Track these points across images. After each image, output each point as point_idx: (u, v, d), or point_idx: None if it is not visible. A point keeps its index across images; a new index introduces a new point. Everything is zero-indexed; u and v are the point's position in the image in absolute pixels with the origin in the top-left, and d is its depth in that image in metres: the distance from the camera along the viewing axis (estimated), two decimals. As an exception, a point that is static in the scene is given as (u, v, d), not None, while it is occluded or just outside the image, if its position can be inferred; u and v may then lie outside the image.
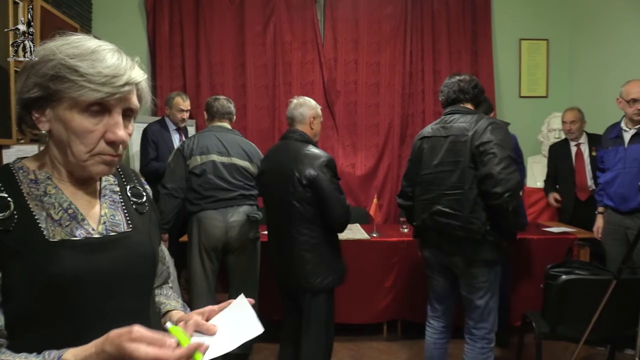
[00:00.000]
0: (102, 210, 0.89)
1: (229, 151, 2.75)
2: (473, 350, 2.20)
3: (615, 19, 3.82)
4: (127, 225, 0.90)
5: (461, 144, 2.09)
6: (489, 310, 2.18)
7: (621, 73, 3.33)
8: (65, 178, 0.86)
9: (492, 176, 1.96)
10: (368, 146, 4.37)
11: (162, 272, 1.09)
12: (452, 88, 2.26)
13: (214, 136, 2.78)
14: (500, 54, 4.49)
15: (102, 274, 0.83)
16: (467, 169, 2.06)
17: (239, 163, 2.76)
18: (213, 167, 2.70)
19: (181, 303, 1.08)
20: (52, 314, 0.78)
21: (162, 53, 4.21)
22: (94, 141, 0.80)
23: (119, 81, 0.79)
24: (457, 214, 2.09)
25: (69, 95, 0.78)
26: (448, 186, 2.13)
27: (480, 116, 2.15)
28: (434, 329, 2.39)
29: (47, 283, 0.77)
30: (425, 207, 2.23)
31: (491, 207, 2.01)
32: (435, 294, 2.38)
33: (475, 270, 2.14)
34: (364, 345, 3.20)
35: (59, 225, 0.81)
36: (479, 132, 2.05)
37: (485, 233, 2.05)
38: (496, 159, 1.97)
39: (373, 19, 4.33)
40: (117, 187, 0.95)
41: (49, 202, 0.82)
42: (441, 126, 2.24)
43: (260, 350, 3.08)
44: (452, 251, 2.18)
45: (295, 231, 2.19)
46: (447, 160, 2.15)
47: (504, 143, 2.01)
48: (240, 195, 2.74)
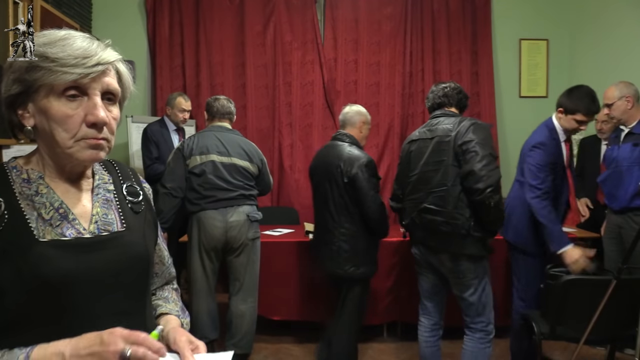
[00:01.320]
0: (94, 209, 0.87)
1: (228, 151, 2.74)
2: (472, 340, 2.27)
3: (616, 18, 3.82)
4: (120, 225, 0.89)
5: (445, 143, 2.19)
6: (483, 305, 2.24)
7: (621, 73, 3.33)
8: (56, 176, 0.86)
9: (474, 173, 2.06)
10: (368, 146, 4.35)
11: (162, 273, 1.07)
12: (437, 94, 2.38)
13: (214, 136, 2.77)
14: (500, 54, 4.49)
15: (93, 275, 0.81)
16: (451, 167, 2.16)
17: (238, 163, 2.75)
18: (213, 167, 2.69)
19: (180, 306, 1.06)
20: (43, 315, 0.77)
21: (162, 53, 4.21)
22: (76, 126, 0.80)
23: (90, 61, 0.79)
24: (441, 210, 2.17)
25: (44, 83, 0.78)
26: (433, 184, 2.22)
27: (463, 118, 2.25)
28: (424, 327, 2.45)
29: (37, 284, 0.76)
30: (414, 205, 2.32)
31: (474, 202, 2.10)
32: (424, 291, 2.45)
33: (461, 267, 2.20)
34: (364, 346, 3.20)
35: (49, 225, 0.81)
36: (462, 132, 2.15)
37: (469, 228, 2.12)
38: (478, 157, 2.07)
39: (373, 19, 4.33)
40: (112, 185, 0.94)
41: (40, 202, 0.82)
42: (427, 129, 2.34)
43: (260, 350, 3.08)
44: (438, 248, 2.25)
45: (336, 223, 2.48)
46: (432, 160, 2.24)
47: (485, 142, 2.11)
48: (240, 195, 2.73)
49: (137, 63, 4.26)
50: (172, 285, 1.11)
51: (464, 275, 2.20)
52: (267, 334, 3.22)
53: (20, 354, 0.74)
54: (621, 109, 2.70)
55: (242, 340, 2.77)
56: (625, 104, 2.68)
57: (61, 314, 0.78)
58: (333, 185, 2.48)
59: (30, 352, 0.74)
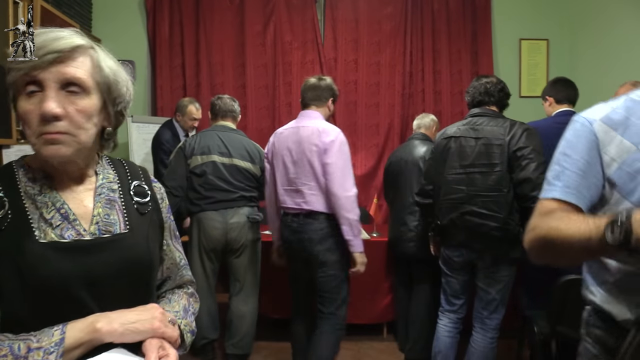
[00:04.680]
0: (95, 210, 0.86)
1: (230, 152, 2.72)
2: (484, 339, 2.29)
3: (616, 18, 3.81)
4: (124, 226, 0.88)
5: (496, 147, 2.17)
6: (503, 303, 2.28)
7: (621, 73, 3.33)
8: (58, 175, 0.85)
9: (531, 180, 2.07)
10: (368, 146, 4.37)
11: (174, 276, 1.04)
12: (478, 89, 2.33)
13: (217, 136, 2.75)
14: (500, 54, 4.49)
15: (92, 277, 0.80)
16: (506, 173, 2.15)
17: (240, 164, 2.72)
18: (213, 168, 2.67)
19: (183, 306, 1.01)
20: (42, 317, 0.77)
21: (162, 53, 4.21)
22: (34, 122, 0.78)
23: (39, 52, 0.77)
24: (495, 215, 2.16)
25: (12, 83, 0.79)
26: (482, 188, 2.19)
27: (513, 121, 2.23)
28: (449, 319, 2.45)
29: (36, 285, 0.76)
30: (453, 206, 2.28)
31: (526, 209, 2.09)
32: (453, 291, 2.41)
33: (500, 267, 2.23)
34: (364, 345, 3.20)
35: (49, 225, 0.80)
36: (516, 137, 2.14)
37: (518, 233, 2.14)
38: (534, 164, 2.08)
39: (373, 19, 4.32)
40: (117, 184, 0.92)
41: (42, 202, 0.81)
42: (470, 127, 2.28)
43: (260, 350, 3.08)
44: (483, 250, 2.23)
45: (403, 208, 2.84)
46: (479, 162, 2.21)
47: (539, 149, 2.12)
48: (240, 197, 2.71)
49: (137, 63, 4.27)
50: (186, 289, 1.07)
51: (499, 273, 2.23)
52: (267, 334, 3.22)
53: (54, 330, 0.75)
54: None
55: (242, 341, 2.77)
56: None
57: (60, 316, 0.77)
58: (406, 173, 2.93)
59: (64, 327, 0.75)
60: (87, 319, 0.77)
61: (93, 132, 0.83)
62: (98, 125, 0.85)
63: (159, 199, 1.00)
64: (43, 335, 0.74)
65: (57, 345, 0.73)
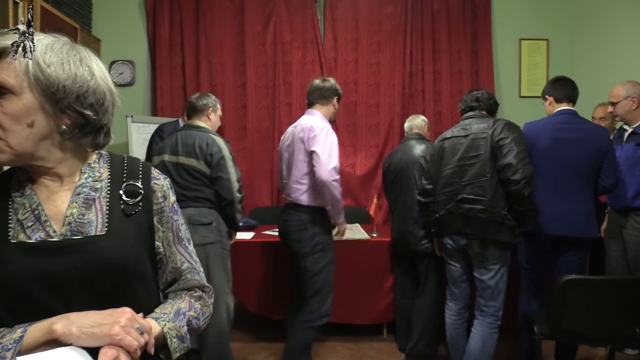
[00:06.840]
0: (68, 210, 0.84)
1: (178, 150, 2.59)
2: (482, 324, 2.45)
3: (615, 19, 3.81)
4: (101, 227, 0.85)
5: (481, 139, 2.40)
6: (499, 291, 2.42)
7: (621, 73, 3.33)
8: (35, 177, 0.85)
9: (511, 165, 2.27)
10: (368, 146, 4.37)
11: (178, 279, 0.99)
12: (470, 98, 2.64)
13: (177, 134, 2.68)
14: (500, 54, 4.48)
15: (54, 279, 0.79)
16: (488, 160, 2.36)
17: (183, 161, 2.58)
18: (162, 167, 2.54)
19: (175, 309, 0.94)
20: (15, 315, 0.78)
21: (162, 53, 4.21)
22: None
23: None
24: (481, 199, 2.35)
25: None
26: (470, 176, 2.40)
27: (497, 119, 2.49)
28: (451, 311, 2.63)
29: (3, 286, 0.77)
30: (449, 197, 2.48)
31: (509, 193, 2.30)
32: (453, 279, 2.61)
33: (488, 252, 2.38)
34: (364, 345, 3.20)
35: (21, 226, 0.81)
36: (498, 130, 2.38)
37: (503, 217, 2.32)
38: (514, 152, 2.29)
39: (373, 19, 4.32)
40: (102, 183, 0.89)
41: (20, 203, 0.82)
42: (461, 128, 2.54)
43: (260, 350, 3.08)
44: (473, 234, 2.39)
45: (409, 205, 2.89)
46: (468, 155, 2.43)
47: (519, 140, 2.34)
48: (182, 196, 2.49)
49: (137, 63, 4.27)
50: (194, 291, 1.01)
51: (489, 260, 2.38)
52: (267, 334, 3.22)
53: (18, 328, 0.76)
54: (625, 109, 2.71)
55: (215, 350, 2.57)
56: (630, 104, 2.69)
57: (30, 315, 0.78)
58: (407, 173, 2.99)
59: (27, 327, 0.76)
60: (49, 320, 0.76)
61: (27, 134, 0.79)
62: (41, 125, 0.80)
63: (159, 197, 0.96)
64: (8, 332, 0.76)
65: (15, 342, 0.74)
